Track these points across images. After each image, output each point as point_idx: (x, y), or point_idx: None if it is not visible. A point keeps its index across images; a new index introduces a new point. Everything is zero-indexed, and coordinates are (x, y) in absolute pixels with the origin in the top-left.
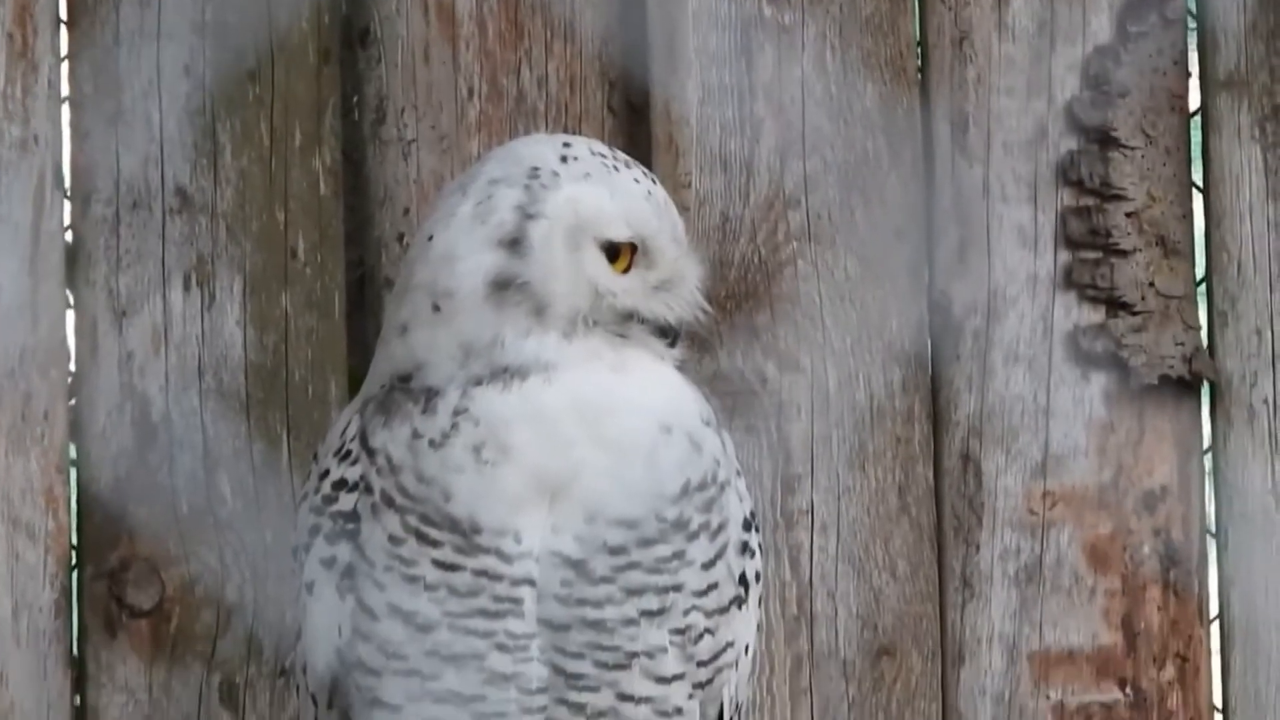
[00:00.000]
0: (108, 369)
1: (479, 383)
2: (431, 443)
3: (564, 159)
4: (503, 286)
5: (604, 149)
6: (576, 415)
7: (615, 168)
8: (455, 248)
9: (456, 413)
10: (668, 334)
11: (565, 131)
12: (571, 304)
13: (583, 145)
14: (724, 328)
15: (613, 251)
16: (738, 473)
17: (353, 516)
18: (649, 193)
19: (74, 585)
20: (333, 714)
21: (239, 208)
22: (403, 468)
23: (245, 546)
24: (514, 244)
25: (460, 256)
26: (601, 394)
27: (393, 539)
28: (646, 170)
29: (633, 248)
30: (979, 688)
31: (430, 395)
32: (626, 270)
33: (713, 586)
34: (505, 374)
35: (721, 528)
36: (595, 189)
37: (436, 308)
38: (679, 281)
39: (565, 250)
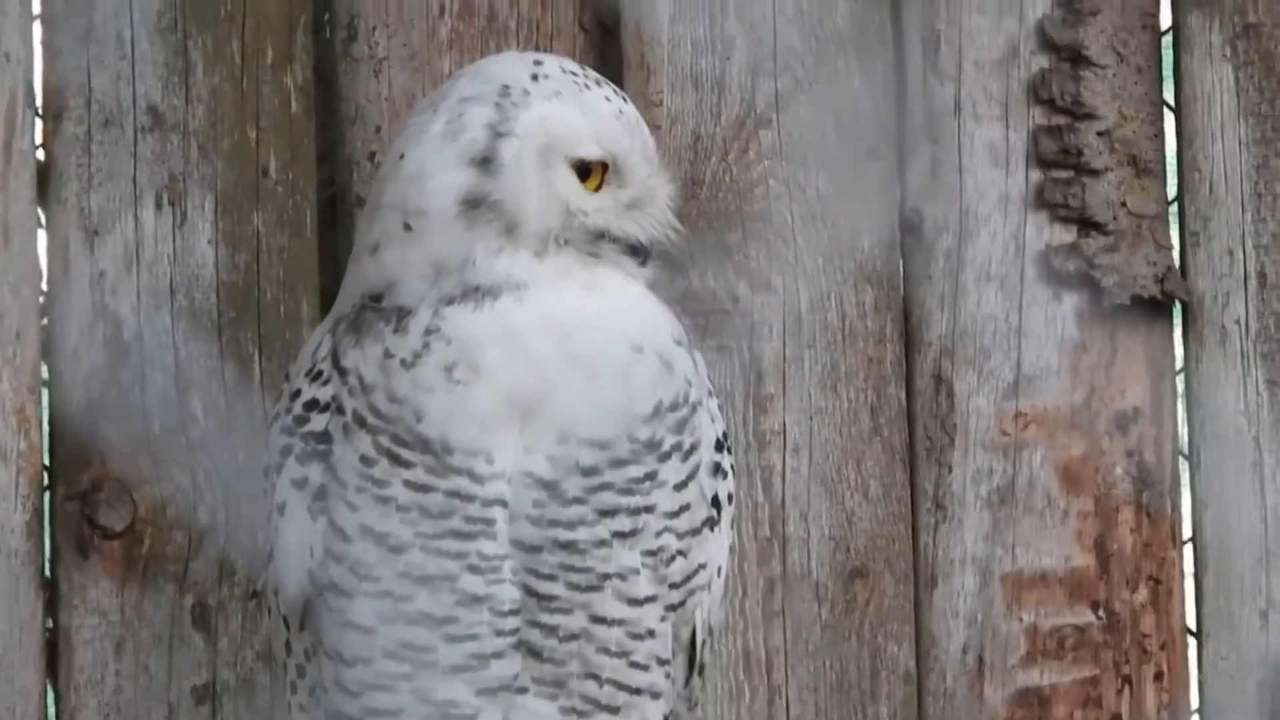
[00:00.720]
0: (79, 288)
1: (450, 302)
2: (403, 362)
3: (535, 77)
4: (474, 205)
5: (575, 67)
6: (548, 334)
7: (586, 86)
8: (426, 166)
9: (428, 332)
10: (639, 253)
11: (536, 49)
12: (542, 222)
13: (554, 63)
14: (695, 247)
15: (584, 170)
16: (710, 393)
17: (324, 437)
18: (620, 111)
19: (46, 506)
20: (304, 636)
21: (210, 126)
22: (374, 388)
23: (217, 467)
24: (485, 162)
25: (431, 175)
26: (573, 313)
27: (365, 460)
28: (617, 89)
29: (604, 166)
30: (951, 610)
31: (402, 315)
32: (598, 189)
33: (685, 508)
34: (477, 293)
35: (694, 449)
36: (566, 107)
37: (408, 226)
38: (650, 200)
39: (536, 169)
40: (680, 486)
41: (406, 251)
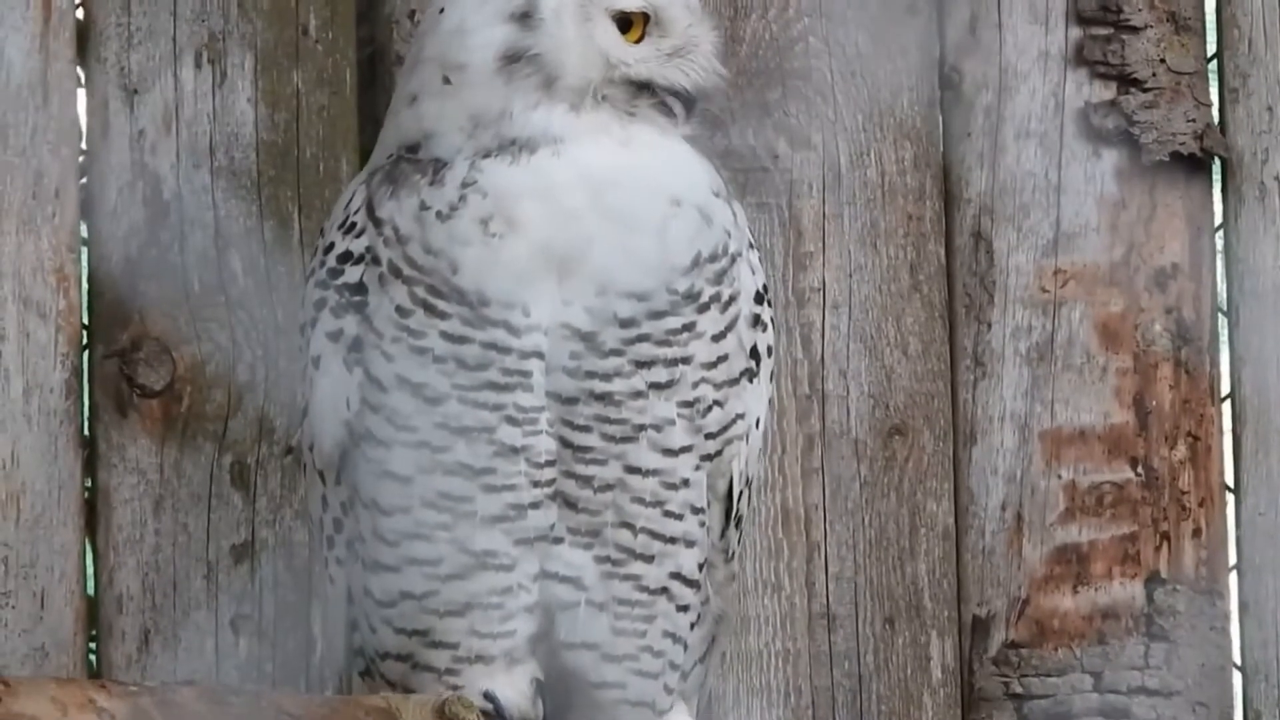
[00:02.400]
0: (119, 147)
1: (487, 155)
2: (439, 215)
3: None
4: (513, 59)
5: None
6: (585, 189)
7: None
8: (466, 20)
9: (464, 185)
10: (685, 101)
11: None
12: (583, 75)
13: None
14: (735, 104)
15: (625, 22)
16: (750, 245)
17: (359, 289)
18: None
19: (85, 365)
20: (340, 490)
21: None
22: (410, 238)
23: (256, 326)
24: (524, 17)
25: (471, 30)
26: (610, 168)
27: (400, 310)
28: None
29: (645, 17)
30: (990, 467)
31: (438, 167)
32: (640, 40)
33: (722, 359)
34: (513, 146)
35: (733, 300)
36: None
37: (447, 80)
38: (693, 48)
39: (576, 21)
40: (718, 337)
41: (444, 104)
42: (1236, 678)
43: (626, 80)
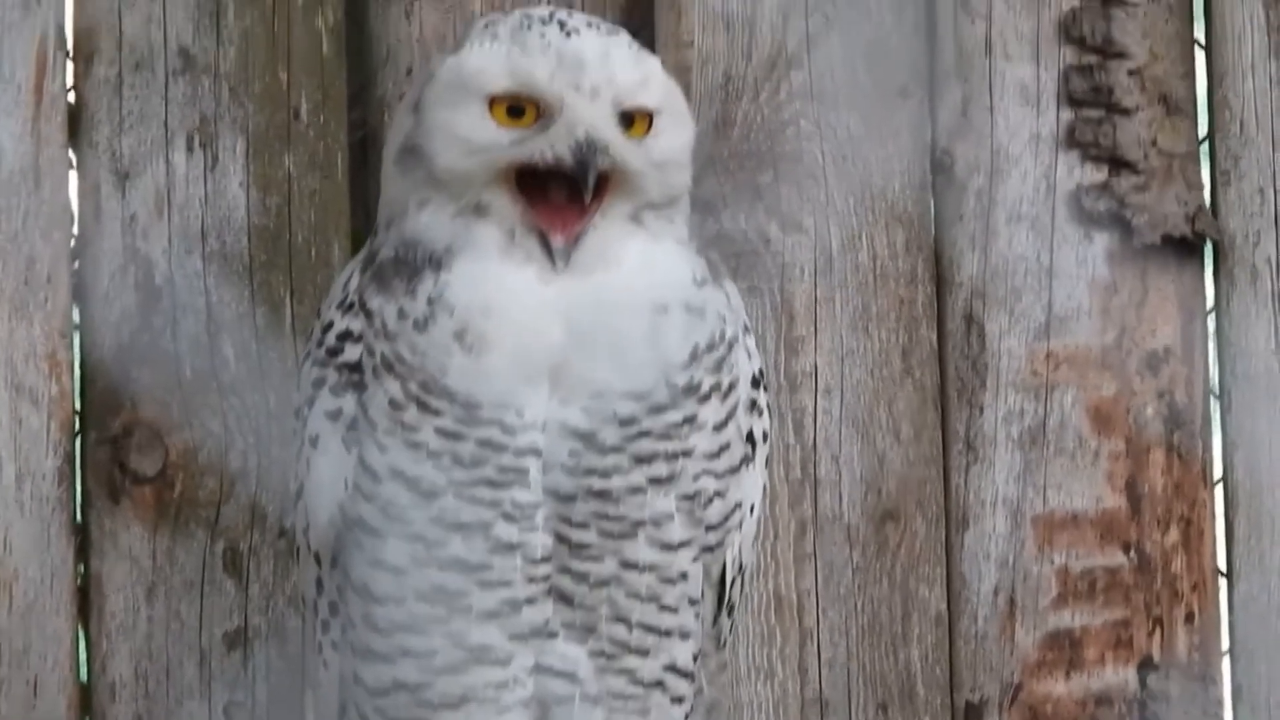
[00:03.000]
0: (110, 232)
1: (429, 259)
2: (416, 324)
3: (488, 25)
4: (407, 151)
5: (565, 16)
6: (562, 307)
7: (539, 26)
8: (396, 117)
9: (430, 301)
10: (569, 173)
11: None
12: (452, 162)
13: (536, 11)
14: (727, 188)
15: (514, 109)
16: (746, 328)
17: (358, 368)
18: (549, 44)
19: (77, 451)
20: (336, 572)
21: (242, 68)
22: (397, 336)
23: (248, 411)
24: (415, 108)
25: (395, 125)
26: (586, 284)
27: (394, 403)
28: (608, 28)
29: (533, 103)
30: (983, 552)
31: (411, 275)
32: (529, 125)
33: (724, 448)
34: (432, 253)
35: (732, 387)
36: (492, 47)
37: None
38: (570, 127)
39: (445, 106)
40: (720, 427)
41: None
42: None
43: (492, 164)
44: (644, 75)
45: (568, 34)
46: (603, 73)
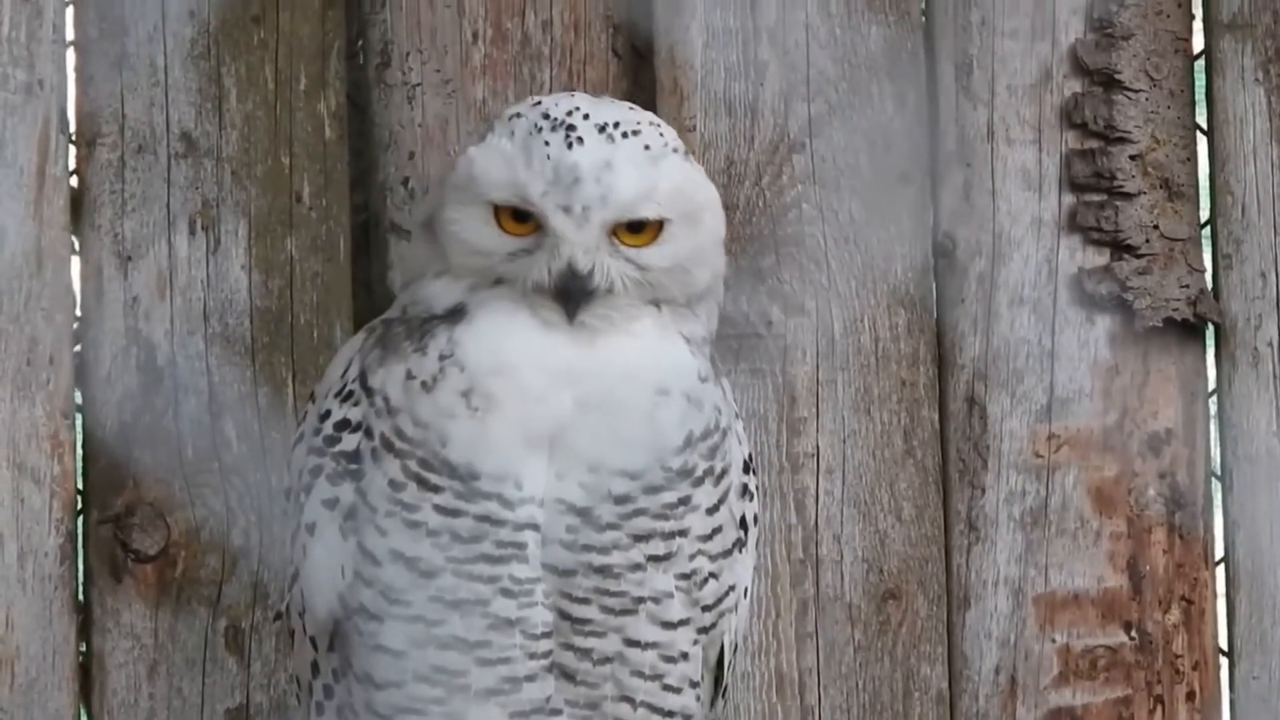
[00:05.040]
0: (113, 314)
1: (441, 319)
2: (424, 385)
3: (511, 117)
4: (427, 225)
5: (567, 108)
6: (570, 374)
7: (549, 130)
8: (433, 185)
9: (442, 357)
10: (554, 297)
11: (569, 76)
12: (459, 257)
13: (552, 106)
14: (729, 271)
15: (520, 215)
16: (736, 415)
17: (355, 457)
18: (548, 157)
19: (79, 530)
20: (332, 657)
21: (244, 152)
22: (400, 410)
23: (250, 491)
24: (442, 185)
25: (430, 193)
26: (597, 355)
27: (393, 484)
28: (626, 129)
29: (526, 213)
30: (984, 631)
31: (424, 333)
32: (528, 234)
33: (717, 530)
34: (450, 314)
35: (725, 472)
36: (502, 146)
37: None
38: (556, 251)
39: (456, 204)
40: (713, 510)
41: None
42: None
43: (488, 270)
44: (649, 185)
45: (570, 145)
46: (598, 189)
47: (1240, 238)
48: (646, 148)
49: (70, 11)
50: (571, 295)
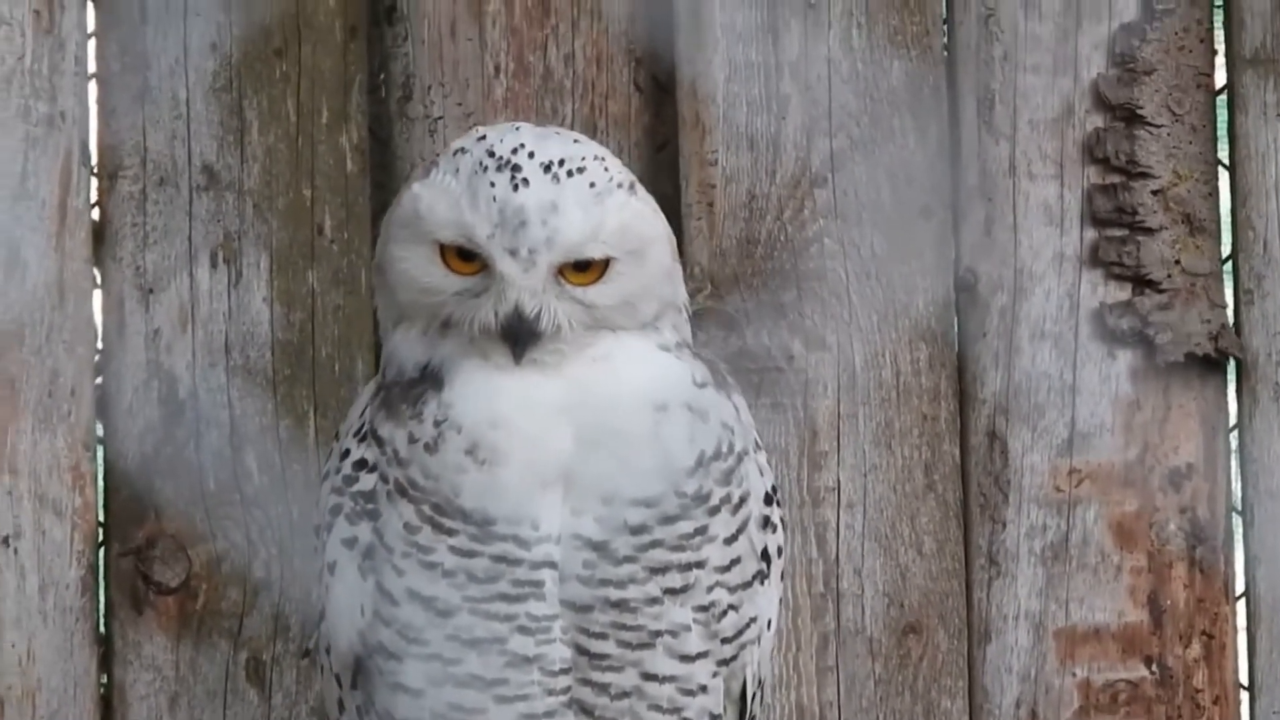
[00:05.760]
0: (134, 346)
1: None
2: (426, 447)
3: (456, 152)
4: (379, 270)
5: (525, 157)
6: (562, 413)
7: (495, 169)
8: (381, 227)
9: (438, 423)
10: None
11: (591, 109)
12: (406, 299)
13: (498, 139)
14: (750, 305)
15: (464, 253)
16: (757, 444)
17: (373, 496)
18: (494, 198)
19: (101, 562)
20: (357, 695)
21: (265, 185)
22: (409, 462)
23: (271, 523)
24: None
25: (380, 238)
26: (585, 384)
27: (408, 526)
28: (571, 167)
29: (471, 252)
30: (1005, 665)
31: (415, 400)
32: (474, 274)
33: (735, 562)
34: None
35: (743, 501)
36: (448, 184)
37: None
38: (502, 294)
39: (399, 242)
40: (730, 540)
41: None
42: None
43: (433, 310)
44: (595, 225)
45: (516, 186)
46: (544, 231)
47: (1262, 273)
48: (592, 185)
49: (92, 44)
50: (519, 338)
